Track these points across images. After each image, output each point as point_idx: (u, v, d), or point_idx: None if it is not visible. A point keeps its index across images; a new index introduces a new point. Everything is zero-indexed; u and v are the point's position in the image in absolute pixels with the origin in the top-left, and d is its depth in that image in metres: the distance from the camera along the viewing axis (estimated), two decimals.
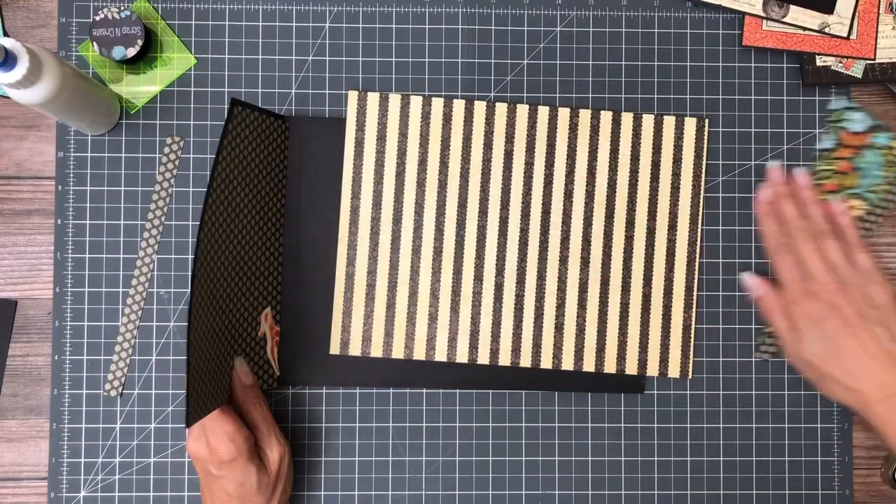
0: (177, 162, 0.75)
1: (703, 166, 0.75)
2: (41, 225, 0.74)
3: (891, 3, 0.75)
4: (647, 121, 0.75)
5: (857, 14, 0.75)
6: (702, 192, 0.76)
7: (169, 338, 0.74)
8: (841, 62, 0.76)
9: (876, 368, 0.67)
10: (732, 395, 0.75)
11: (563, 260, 0.75)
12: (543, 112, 0.75)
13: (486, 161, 0.75)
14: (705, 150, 0.76)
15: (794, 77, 0.77)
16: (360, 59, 0.75)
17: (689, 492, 0.75)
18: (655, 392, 0.75)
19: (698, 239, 0.75)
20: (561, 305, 0.74)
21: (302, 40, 0.75)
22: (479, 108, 0.75)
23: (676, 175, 0.75)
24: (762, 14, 0.75)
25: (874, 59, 0.76)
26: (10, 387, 0.74)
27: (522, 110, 0.75)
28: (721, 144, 0.76)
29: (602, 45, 0.76)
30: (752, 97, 0.76)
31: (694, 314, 0.75)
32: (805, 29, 0.75)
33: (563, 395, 0.75)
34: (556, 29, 0.76)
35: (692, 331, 0.75)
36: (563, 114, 0.75)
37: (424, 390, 0.74)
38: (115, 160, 0.74)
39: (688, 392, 0.75)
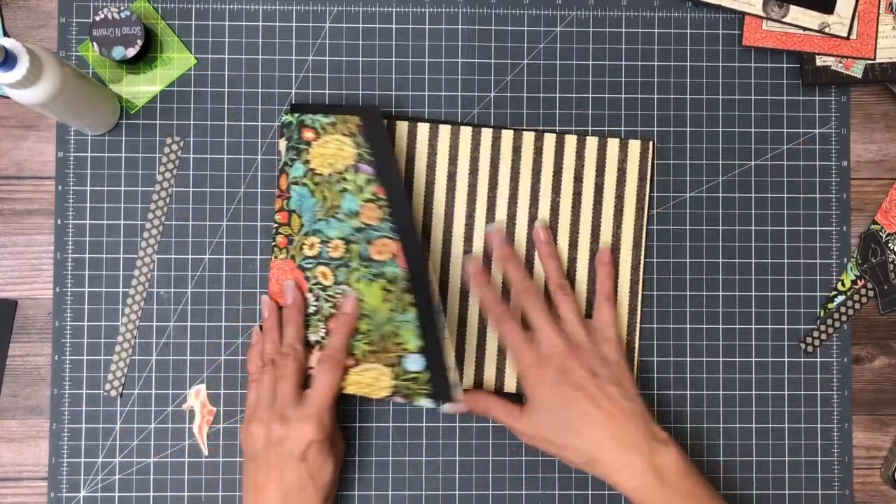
0: (177, 162, 0.75)
1: (647, 189, 0.75)
2: (41, 225, 0.74)
3: (891, 3, 0.75)
4: (591, 143, 0.75)
5: (857, 14, 0.75)
6: (645, 215, 0.75)
7: (169, 338, 0.74)
8: (841, 62, 0.76)
9: (612, 434, 0.65)
10: (732, 396, 0.75)
11: (508, 282, 0.74)
12: (486, 133, 0.74)
13: (430, 183, 0.74)
14: (649, 173, 0.75)
15: (794, 77, 0.77)
16: (360, 59, 0.75)
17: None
18: (655, 392, 0.75)
19: (641, 263, 0.75)
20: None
21: (302, 40, 0.75)
22: (423, 129, 0.74)
23: (620, 198, 0.75)
24: (762, 14, 0.75)
25: (874, 59, 0.76)
26: (10, 387, 0.74)
27: (465, 132, 0.74)
28: (721, 144, 0.76)
29: (602, 45, 0.76)
30: (752, 97, 0.76)
31: (637, 338, 0.74)
32: (805, 29, 0.75)
33: None
34: (556, 29, 0.76)
35: (636, 353, 0.74)
36: (507, 135, 0.74)
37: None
38: (115, 160, 0.74)
39: (688, 392, 0.75)
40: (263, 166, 0.75)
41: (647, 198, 0.75)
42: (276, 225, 0.73)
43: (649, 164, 0.75)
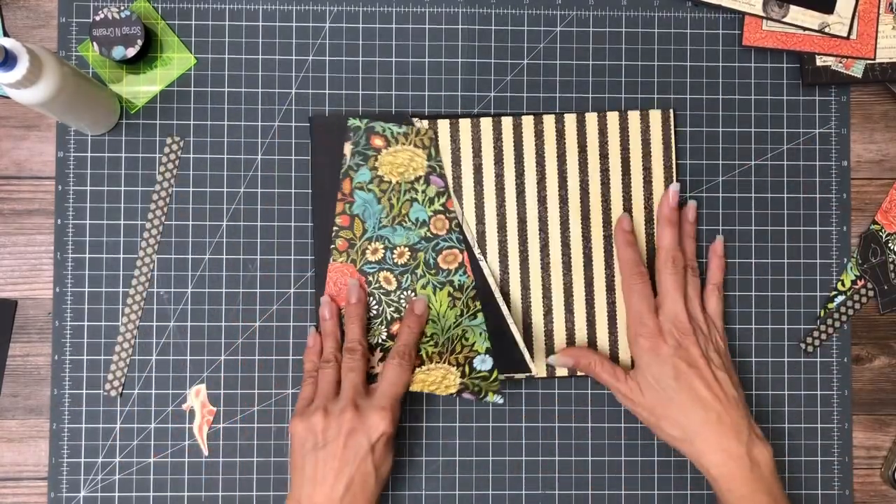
0: (177, 162, 0.75)
1: (673, 156, 0.75)
2: (41, 225, 0.74)
3: (891, 3, 0.75)
4: (612, 118, 0.75)
5: (857, 14, 0.75)
6: (675, 181, 0.75)
7: (169, 338, 0.74)
8: (841, 62, 0.76)
9: (717, 419, 0.67)
10: None
11: (545, 267, 0.75)
12: (507, 122, 0.75)
13: (457, 178, 0.75)
14: (673, 139, 0.75)
15: (794, 77, 0.77)
16: (360, 59, 0.75)
17: (689, 492, 0.75)
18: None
19: None
20: (548, 313, 0.74)
21: (302, 40, 0.75)
22: (443, 125, 0.75)
23: (647, 169, 0.75)
24: (762, 14, 0.75)
25: (874, 59, 0.76)
26: (10, 387, 0.74)
27: (486, 123, 0.75)
28: (721, 144, 0.76)
29: (602, 45, 0.76)
30: (752, 97, 0.76)
31: None
32: (805, 29, 0.75)
33: (562, 395, 0.75)
34: (556, 29, 0.76)
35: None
36: (528, 121, 0.75)
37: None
38: (115, 160, 0.74)
39: None
40: (263, 166, 0.75)
41: (674, 166, 0.75)
42: (336, 228, 0.73)
43: (672, 131, 0.75)
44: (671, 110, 0.75)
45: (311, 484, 0.66)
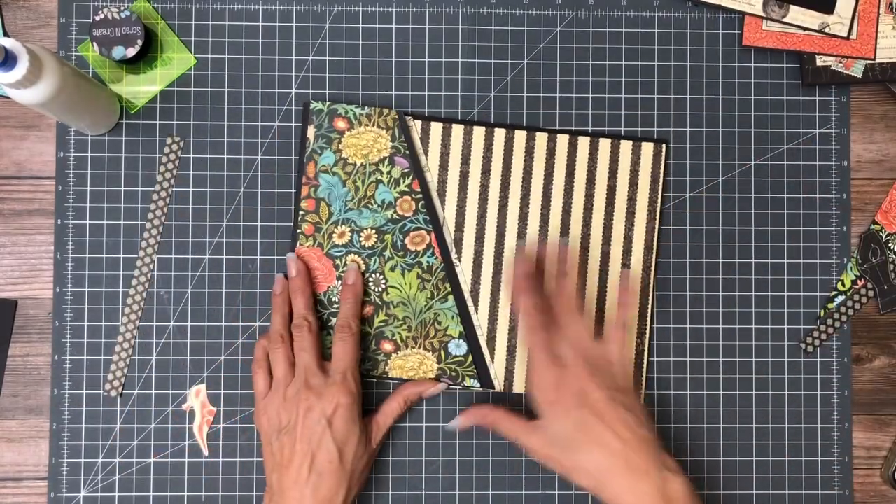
0: (177, 162, 0.75)
1: (660, 192, 0.75)
2: (41, 225, 0.74)
3: (891, 3, 0.75)
4: (604, 145, 0.75)
5: (857, 14, 0.75)
6: (657, 218, 0.75)
7: (169, 338, 0.74)
8: (841, 62, 0.76)
9: (625, 461, 0.64)
10: (732, 395, 0.75)
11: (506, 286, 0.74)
12: (500, 133, 0.75)
13: (442, 182, 0.75)
14: (662, 173, 0.75)
15: (794, 77, 0.77)
16: (360, 59, 0.75)
17: None
18: (655, 392, 0.75)
19: (653, 265, 0.75)
20: (514, 328, 0.74)
21: (302, 40, 0.75)
22: (436, 128, 0.75)
23: (632, 200, 0.75)
24: (762, 14, 0.75)
25: (874, 59, 0.76)
26: (10, 387, 0.74)
27: (479, 132, 0.75)
28: (721, 144, 0.76)
29: (602, 45, 0.76)
30: (752, 97, 0.76)
31: (647, 341, 0.75)
32: (805, 29, 0.75)
33: None
34: (556, 29, 0.76)
35: (645, 356, 0.75)
36: (520, 136, 0.75)
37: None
38: (115, 160, 0.74)
39: (688, 392, 0.75)
40: (263, 166, 0.75)
41: (659, 200, 0.75)
42: (301, 212, 0.73)
43: (662, 166, 0.75)
44: (663, 144, 0.75)
45: (278, 469, 0.67)
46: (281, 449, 0.67)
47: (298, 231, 0.73)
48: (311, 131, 0.73)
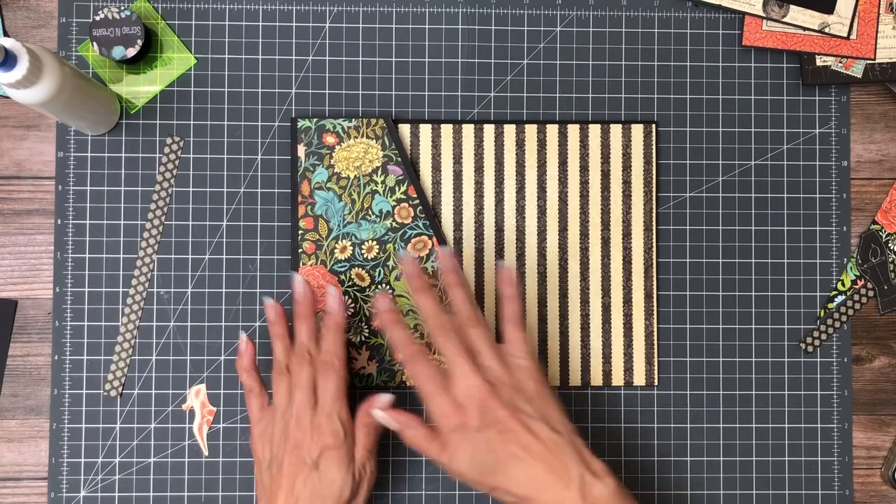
0: (177, 162, 0.75)
1: (654, 172, 0.75)
2: (41, 225, 0.74)
3: (891, 3, 0.75)
4: (594, 130, 0.75)
5: (857, 14, 0.75)
6: (654, 198, 0.75)
7: (169, 338, 0.74)
8: (841, 62, 0.76)
9: (543, 472, 0.60)
10: (732, 395, 0.75)
11: (520, 277, 0.75)
12: (489, 130, 0.75)
13: (436, 183, 0.75)
14: (654, 154, 0.75)
15: (794, 77, 0.77)
16: (360, 59, 0.75)
17: (689, 492, 0.75)
18: (655, 392, 0.75)
19: (654, 245, 0.75)
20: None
21: (302, 40, 0.75)
22: (425, 130, 0.75)
23: (627, 183, 0.75)
24: (762, 14, 0.75)
25: (874, 59, 0.76)
26: (10, 387, 0.74)
27: (468, 129, 0.75)
28: (721, 144, 0.76)
29: (602, 45, 0.76)
30: (752, 97, 0.76)
31: (655, 321, 0.75)
32: (805, 29, 0.75)
33: (562, 394, 0.75)
34: (556, 29, 0.76)
35: (654, 337, 0.75)
36: (509, 130, 0.75)
37: None
38: (115, 160, 0.75)
39: (688, 392, 0.75)
40: (263, 166, 0.75)
41: (654, 181, 0.75)
42: (300, 231, 0.73)
43: (654, 147, 0.75)
44: (653, 125, 0.75)
45: (266, 498, 0.66)
46: (270, 480, 0.66)
47: (300, 251, 0.74)
48: (301, 150, 0.73)
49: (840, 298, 0.76)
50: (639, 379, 0.75)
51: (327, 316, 0.68)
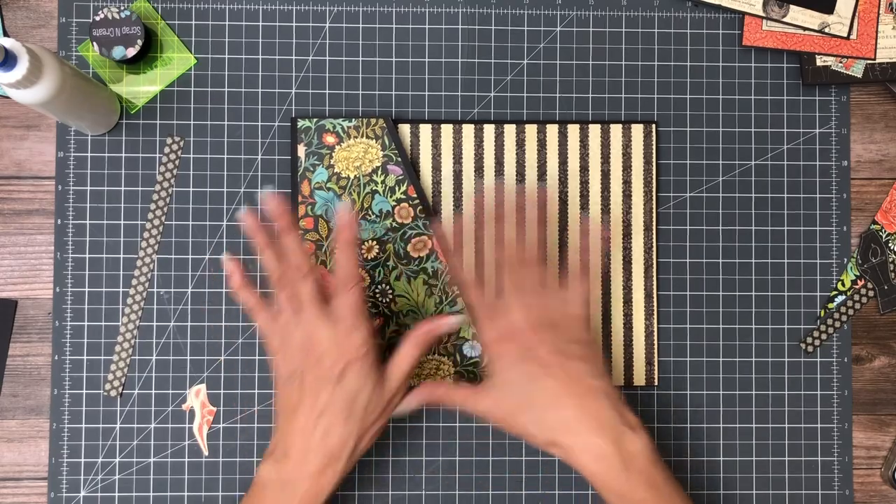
0: (177, 162, 0.75)
1: (654, 172, 0.75)
2: (41, 225, 0.74)
3: (891, 3, 0.75)
4: (594, 130, 0.75)
5: (857, 14, 0.75)
6: (654, 198, 0.75)
7: (169, 338, 0.74)
8: (841, 62, 0.76)
9: (576, 415, 0.60)
10: (732, 395, 0.75)
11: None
12: (489, 130, 0.75)
13: (436, 183, 0.75)
14: (654, 154, 0.75)
15: (794, 77, 0.77)
16: (360, 59, 0.75)
17: (688, 492, 0.75)
18: (655, 392, 0.75)
19: (654, 245, 0.75)
20: None
21: (302, 40, 0.75)
22: (425, 130, 0.75)
23: (627, 183, 0.75)
24: (762, 14, 0.75)
25: (874, 59, 0.76)
26: (10, 387, 0.74)
27: (468, 129, 0.75)
28: (721, 144, 0.76)
29: (602, 45, 0.76)
30: (752, 97, 0.76)
31: (655, 321, 0.75)
32: (805, 29, 0.75)
33: None
34: (556, 29, 0.76)
35: (654, 337, 0.75)
36: (510, 129, 0.75)
37: None
38: (115, 160, 0.75)
39: (688, 392, 0.75)
40: (263, 166, 0.75)
41: (654, 181, 0.75)
42: (301, 231, 0.73)
43: (654, 147, 0.75)
44: (653, 125, 0.75)
45: (285, 413, 0.64)
46: (289, 395, 0.64)
47: None
48: (301, 150, 0.73)
49: (840, 298, 0.76)
50: (639, 379, 0.75)
51: (339, 231, 0.65)
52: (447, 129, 0.75)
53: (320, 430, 0.63)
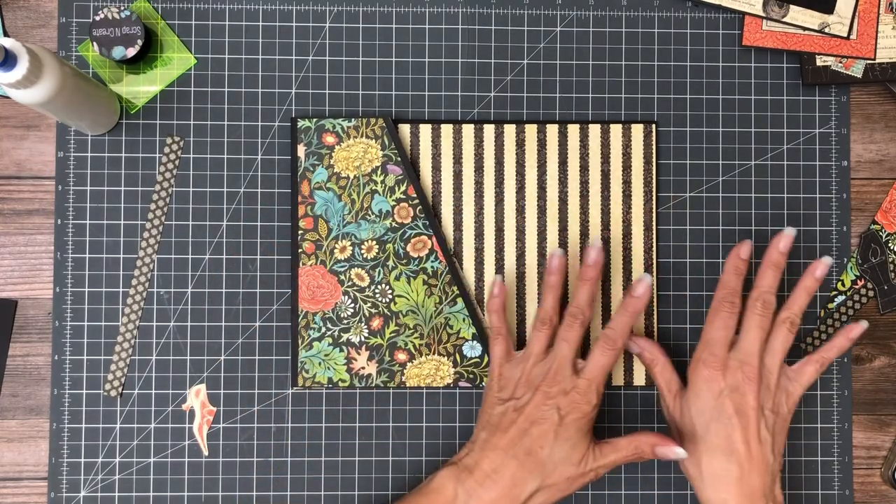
0: (177, 162, 0.75)
1: (654, 172, 0.75)
2: (41, 225, 0.74)
3: (891, 3, 0.75)
4: (594, 130, 0.75)
5: (857, 14, 0.75)
6: (654, 198, 0.75)
7: (169, 338, 0.74)
8: (841, 62, 0.76)
9: (735, 474, 0.64)
10: None
11: (521, 276, 0.75)
12: (489, 130, 0.75)
13: (436, 183, 0.75)
14: (654, 154, 0.75)
15: (794, 77, 0.77)
16: (360, 59, 0.75)
17: (689, 492, 0.75)
18: (655, 392, 0.75)
19: (654, 245, 0.75)
20: (521, 322, 0.74)
21: (302, 40, 0.75)
22: (425, 130, 0.75)
23: (627, 183, 0.75)
24: (762, 14, 0.75)
25: (874, 59, 0.76)
26: (10, 387, 0.74)
27: (468, 129, 0.75)
28: (721, 144, 0.76)
29: (602, 45, 0.76)
30: (752, 97, 0.76)
31: (655, 321, 0.75)
32: (805, 29, 0.75)
33: None
34: (556, 29, 0.76)
35: (654, 337, 0.75)
36: (509, 129, 0.75)
37: (425, 390, 0.74)
38: (115, 160, 0.75)
39: None
40: (263, 166, 0.75)
41: (654, 181, 0.75)
42: (301, 231, 0.73)
43: (654, 147, 0.75)
44: (653, 125, 0.75)
45: (490, 429, 0.67)
46: (503, 414, 0.66)
47: (300, 251, 0.74)
48: (301, 150, 0.73)
49: (840, 298, 0.76)
50: (639, 379, 0.75)
51: (631, 298, 0.69)
52: (447, 129, 0.75)
53: (517, 457, 0.64)
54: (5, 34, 0.75)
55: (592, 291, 0.69)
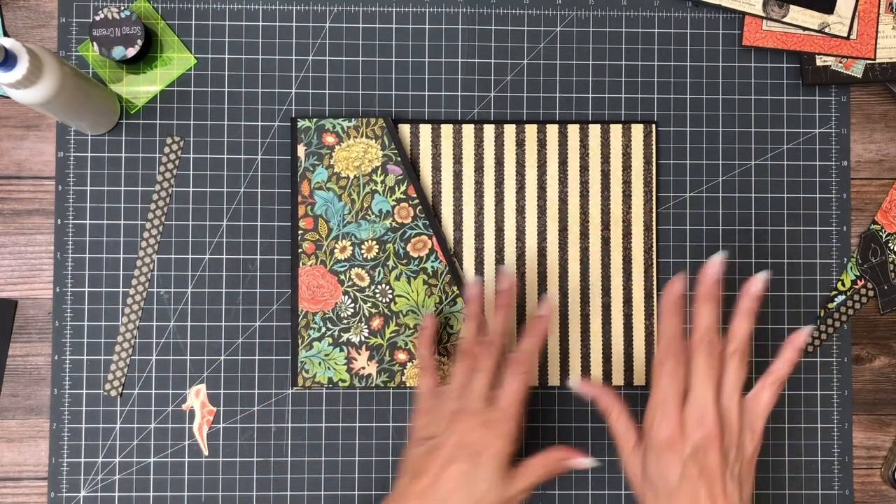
0: (177, 162, 0.75)
1: (653, 172, 0.75)
2: (41, 225, 0.74)
3: (891, 3, 0.75)
4: (594, 130, 0.75)
5: (857, 14, 0.75)
6: (654, 198, 0.75)
7: (169, 338, 0.74)
8: (841, 62, 0.76)
9: None
10: None
11: (520, 277, 0.75)
12: (489, 129, 0.75)
13: (436, 183, 0.75)
14: (654, 154, 0.75)
15: (794, 77, 0.77)
16: (360, 59, 0.75)
17: None
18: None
19: (654, 245, 0.75)
20: (521, 322, 0.74)
21: (302, 40, 0.75)
22: (425, 130, 0.75)
23: (627, 183, 0.75)
24: (762, 14, 0.75)
25: (874, 59, 0.76)
26: (10, 387, 0.74)
27: (468, 129, 0.75)
28: (721, 144, 0.76)
29: (602, 45, 0.76)
30: (752, 97, 0.76)
31: (655, 321, 0.75)
32: (805, 29, 0.75)
33: (563, 394, 0.75)
34: (556, 29, 0.76)
35: (654, 337, 0.75)
36: (509, 129, 0.75)
37: None
38: (115, 160, 0.75)
39: None
40: (263, 166, 0.75)
41: (654, 181, 0.75)
42: (300, 231, 0.73)
43: (653, 147, 0.75)
44: (653, 125, 0.75)
45: (408, 476, 0.64)
46: (420, 457, 0.64)
47: (300, 251, 0.74)
48: (301, 150, 0.73)
49: (840, 298, 0.76)
50: (639, 379, 0.75)
51: (537, 319, 0.66)
52: (447, 129, 0.75)
53: (436, 501, 0.62)
54: (5, 34, 0.75)
55: (506, 318, 0.68)
